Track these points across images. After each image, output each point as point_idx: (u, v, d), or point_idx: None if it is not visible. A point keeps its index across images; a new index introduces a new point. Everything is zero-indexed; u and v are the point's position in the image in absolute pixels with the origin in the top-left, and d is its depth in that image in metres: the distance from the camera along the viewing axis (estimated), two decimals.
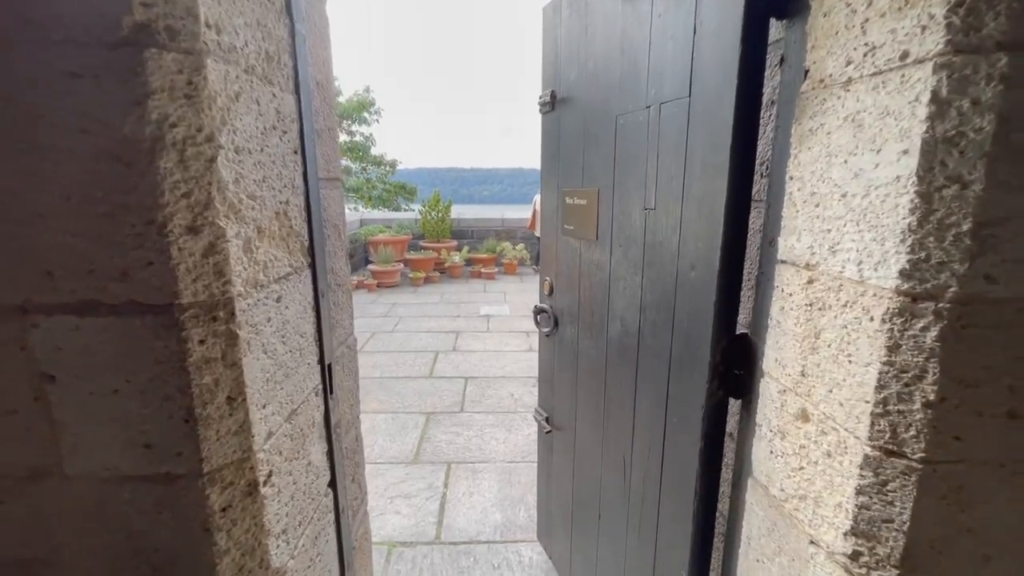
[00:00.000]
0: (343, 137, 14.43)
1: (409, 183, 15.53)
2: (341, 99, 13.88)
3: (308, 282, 0.94)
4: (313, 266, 0.95)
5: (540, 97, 1.78)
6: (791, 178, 0.92)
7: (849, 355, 0.78)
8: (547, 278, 1.87)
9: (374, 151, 14.64)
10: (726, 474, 1.24)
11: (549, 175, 1.80)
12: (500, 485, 2.75)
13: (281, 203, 0.81)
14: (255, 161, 0.72)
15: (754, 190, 1.08)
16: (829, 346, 0.83)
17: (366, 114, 13.90)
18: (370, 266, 7.99)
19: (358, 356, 4.07)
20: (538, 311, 1.90)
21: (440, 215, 9.12)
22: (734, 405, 1.18)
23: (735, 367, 1.12)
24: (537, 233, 9.07)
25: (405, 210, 14.39)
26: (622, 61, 1.33)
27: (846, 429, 0.80)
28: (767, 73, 1.03)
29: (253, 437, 0.71)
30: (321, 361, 1.00)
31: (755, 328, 1.08)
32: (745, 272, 1.11)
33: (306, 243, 0.92)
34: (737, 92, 0.98)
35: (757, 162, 1.07)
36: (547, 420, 1.98)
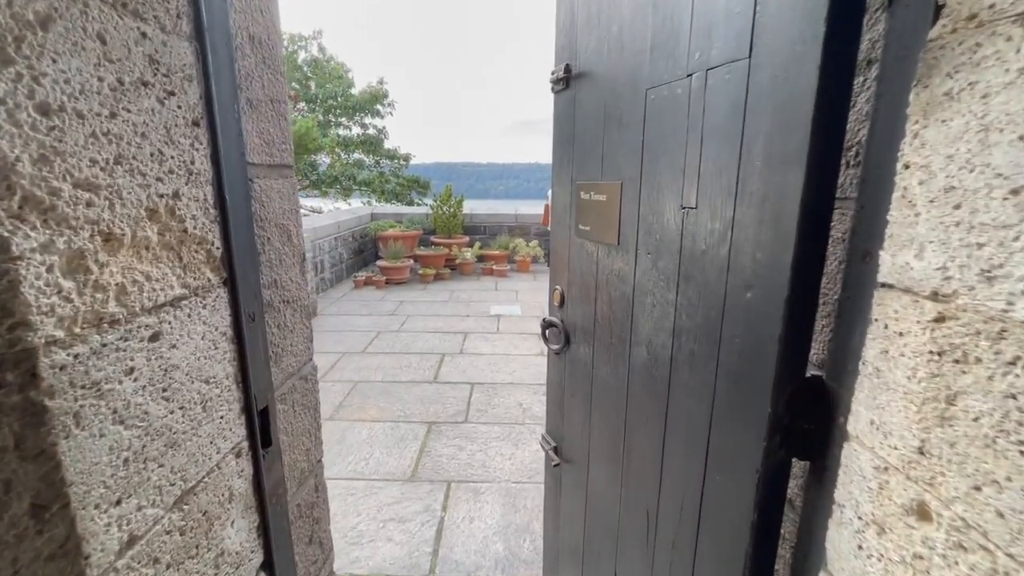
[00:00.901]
0: (356, 130, 14.31)
1: (423, 177, 15.34)
2: (354, 91, 13.74)
3: (222, 305, 0.68)
4: (232, 281, 0.70)
5: (552, 73, 1.50)
6: (906, 166, 0.64)
7: (1022, 443, 0.50)
8: (557, 287, 1.60)
9: (387, 144, 14.49)
10: (782, 550, 0.96)
11: (561, 166, 1.53)
12: (504, 509, 2.50)
13: (162, 196, 0.56)
14: (95, 131, 0.47)
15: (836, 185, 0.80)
16: (977, 421, 0.55)
17: (379, 106, 13.74)
18: (379, 262, 7.79)
19: (361, 358, 3.82)
20: (547, 325, 1.63)
21: (452, 210, 8.88)
22: (797, 463, 0.90)
23: (802, 419, 0.84)
24: (551, 228, 8.77)
25: (418, 204, 14.22)
26: (655, 18, 1.04)
27: (1008, 554, 0.52)
28: (865, 19, 0.74)
29: (88, 558, 0.46)
30: (248, 408, 0.75)
31: (834, 371, 0.79)
32: (820, 295, 0.83)
33: (217, 251, 0.67)
34: (824, 47, 0.70)
35: (843, 146, 0.79)
36: (555, 451, 1.72)
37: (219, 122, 0.66)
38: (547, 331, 1.65)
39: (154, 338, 0.55)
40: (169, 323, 0.58)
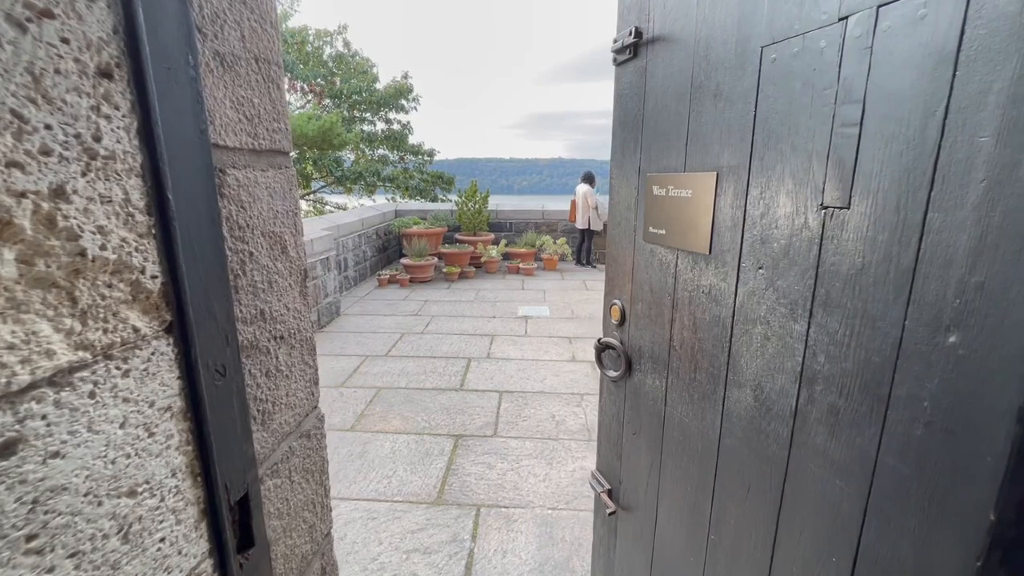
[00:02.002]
0: (380, 125, 14.20)
1: (447, 173, 15.17)
2: (378, 86, 13.62)
3: (162, 365, 0.44)
4: (182, 325, 0.45)
5: (615, 41, 1.23)
6: None
7: None
8: (616, 301, 1.33)
9: (411, 140, 14.35)
10: None
11: (624, 153, 1.25)
12: (540, 541, 2.24)
13: (25, 195, 0.31)
14: None
15: None
16: None
17: (403, 101, 13.59)
18: (403, 260, 7.61)
19: (384, 361, 3.57)
20: (603, 347, 1.36)
21: (477, 206, 8.64)
22: None
23: None
24: (578, 224, 8.47)
25: (442, 201, 14.05)
26: None
27: None
28: None
29: None
30: (214, 508, 0.51)
31: None
32: None
33: (153, 282, 0.42)
34: None
35: None
36: (609, 494, 1.44)
37: (153, 76, 0.41)
38: (603, 354, 1.38)
39: (4, 451, 0.31)
40: (44, 418, 0.33)
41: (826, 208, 0.72)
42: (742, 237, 0.88)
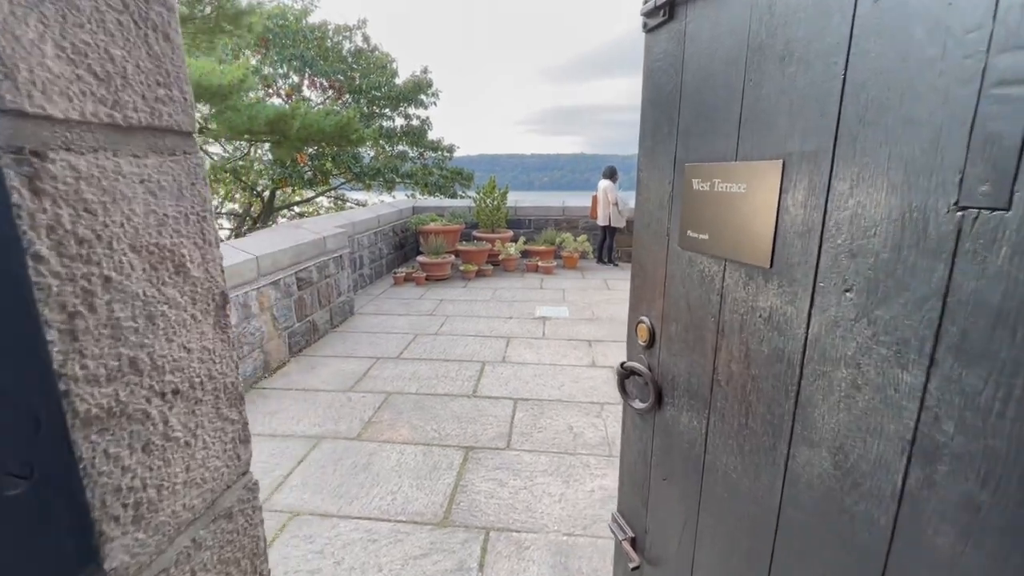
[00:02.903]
0: (399, 121, 14.09)
1: (467, 169, 14.99)
2: (398, 80, 13.50)
3: None
4: None
5: (645, 2, 1.00)
6: None
7: None
8: (643, 319, 1.11)
9: (431, 135, 14.21)
10: None
11: (655, 140, 1.02)
12: (554, 573, 2.04)
13: None
14: None
15: None
16: None
17: (423, 96, 13.45)
18: (420, 257, 7.46)
19: (396, 364, 3.37)
20: (627, 373, 1.14)
21: (496, 202, 8.44)
22: None
23: None
24: (599, 221, 8.19)
25: (461, 197, 13.89)
26: None
27: None
28: None
29: None
30: None
31: None
32: None
33: None
34: None
35: None
36: (633, 544, 1.23)
37: None
38: (627, 381, 1.16)
39: None
40: None
41: (964, 209, 0.49)
42: (820, 247, 0.65)
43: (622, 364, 1.14)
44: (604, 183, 8.15)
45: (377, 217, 7.45)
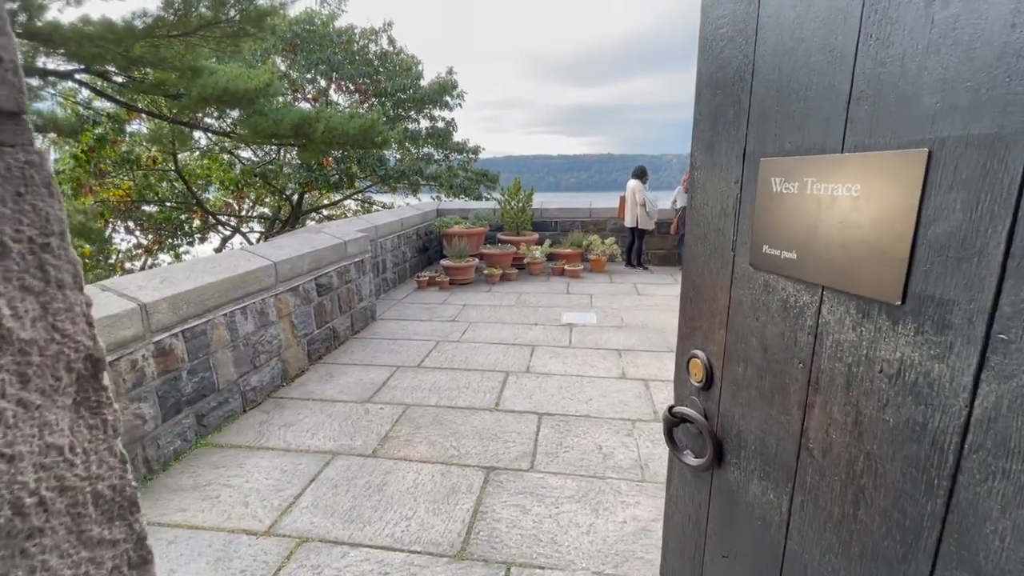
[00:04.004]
0: (424, 123, 14.05)
1: (492, 171, 14.85)
2: (423, 82, 13.46)
3: None
4: None
5: None
6: None
7: None
8: (697, 353, 0.89)
9: (456, 137, 14.13)
10: None
11: (715, 129, 0.81)
12: None
13: None
14: None
15: None
16: None
17: (448, 97, 13.36)
18: (443, 261, 7.33)
19: (416, 374, 3.19)
20: (676, 420, 0.92)
21: (521, 204, 8.24)
22: None
23: None
24: (626, 223, 7.91)
25: (486, 199, 13.75)
26: None
27: None
28: None
29: None
30: None
31: None
32: None
33: None
34: None
35: None
36: None
37: None
38: (676, 429, 0.94)
39: None
40: None
41: None
42: (1001, 278, 0.43)
43: (670, 409, 0.92)
44: (633, 183, 7.86)
45: (400, 220, 7.35)
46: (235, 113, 8.57)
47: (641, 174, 7.95)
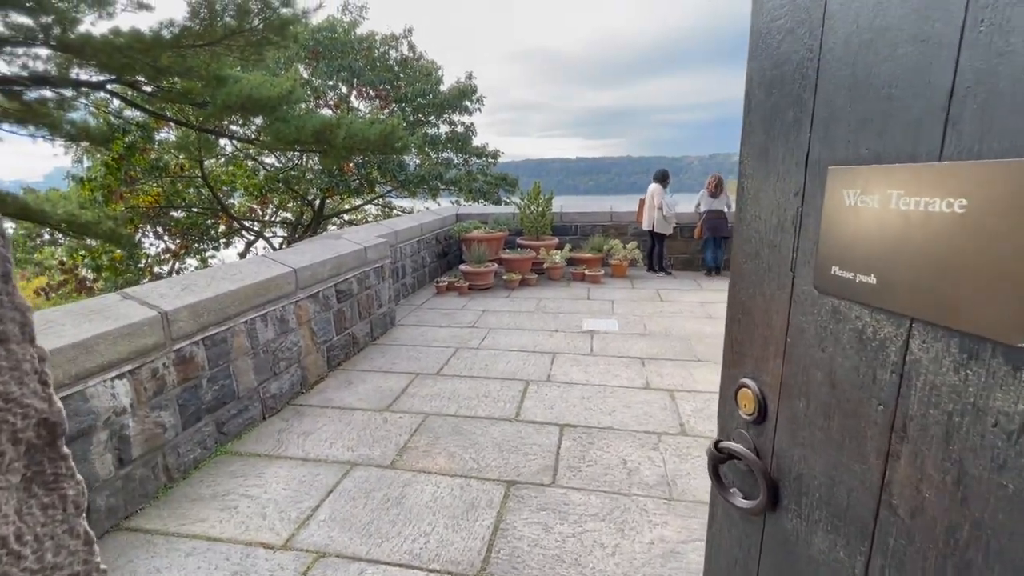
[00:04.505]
0: (444, 128, 14.10)
1: (511, 175, 14.81)
2: (443, 87, 13.51)
3: None
4: None
5: None
6: None
7: None
8: (747, 382, 0.79)
9: (475, 142, 14.14)
10: None
11: (770, 132, 0.72)
12: None
13: None
14: None
15: None
16: None
17: (467, 102, 13.39)
18: (462, 266, 7.29)
19: (435, 381, 3.14)
20: (722, 456, 0.83)
21: (540, 208, 8.16)
22: None
23: None
24: (643, 226, 7.77)
25: (505, 203, 13.72)
26: None
27: None
28: None
29: None
30: None
31: None
32: None
33: None
34: None
35: None
36: None
37: None
38: (723, 466, 0.85)
39: None
40: None
41: None
42: None
43: (716, 444, 0.83)
44: (653, 186, 7.72)
45: (420, 225, 7.34)
46: (259, 120, 8.70)
47: (663, 178, 7.80)
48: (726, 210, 7.56)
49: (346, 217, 15.55)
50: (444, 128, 14.06)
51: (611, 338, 4.98)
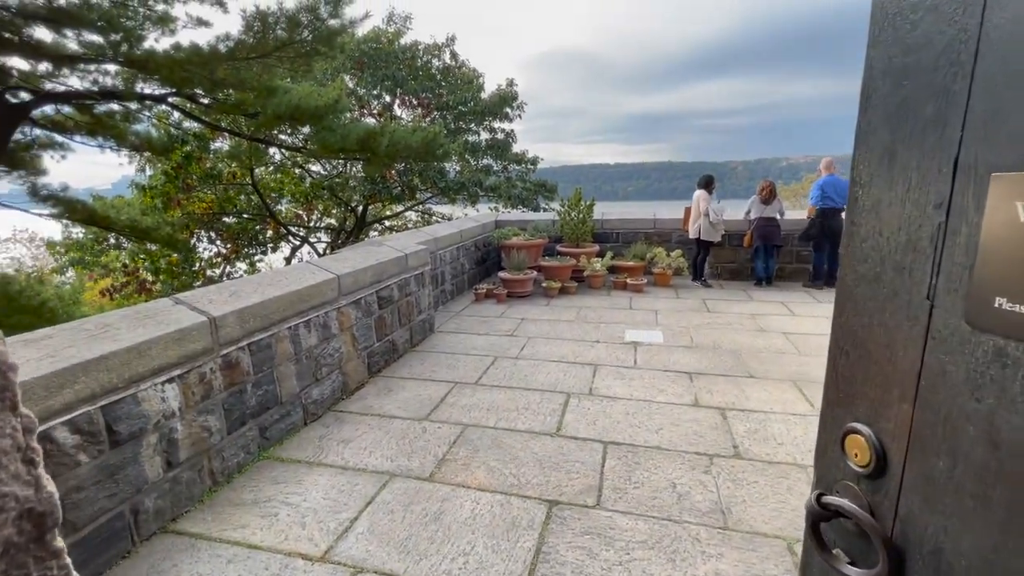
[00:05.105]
0: (484, 135, 14.18)
1: (550, 181, 14.73)
2: (484, 95, 13.60)
3: None
4: None
5: None
6: None
7: None
8: (858, 427, 0.67)
9: (515, 148, 14.14)
10: None
11: (897, 132, 0.60)
12: None
13: None
14: None
15: None
16: None
17: (508, 109, 13.42)
18: (501, 273, 7.24)
19: (473, 391, 3.06)
20: (825, 513, 0.70)
21: (581, 215, 8.02)
22: None
23: None
24: (691, 234, 7.51)
25: (545, 210, 13.63)
26: None
27: None
28: None
29: None
30: None
31: None
32: None
33: None
34: None
35: None
36: None
37: None
38: (825, 524, 0.72)
39: None
40: None
41: None
42: None
43: (818, 499, 0.70)
44: (698, 192, 7.46)
45: (460, 232, 7.35)
46: (306, 129, 8.97)
47: (707, 183, 7.53)
48: (779, 217, 7.21)
49: (387, 223, 15.85)
50: (484, 135, 14.14)
51: (655, 350, 4.79)
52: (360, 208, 14.12)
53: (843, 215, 7.01)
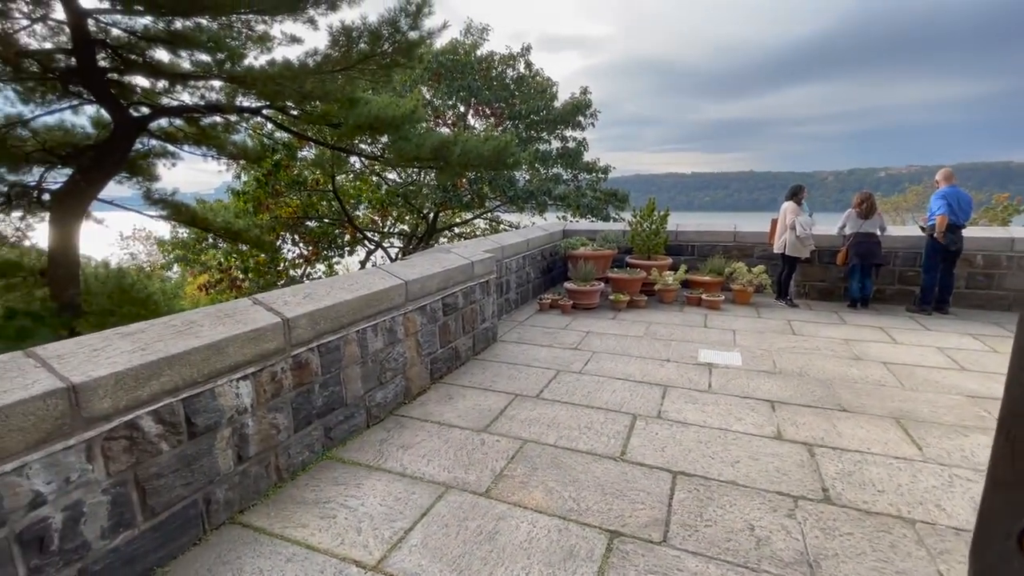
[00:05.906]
0: (555, 144, 14.12)
1: (621, 190, 14.38)
2: (557, 104, 13.56)
3: None
4: None
5: None
6: None
7: None
8: None
9: (586, 157, 13.95)
10: None
11: None
12: None
13: None
14: None
15: None
16: None
17: (580, 117, 13.28)
18: (567, 284, 7.09)
19: (534, 405, 2.90)
20: None
21: (654, 226, 7.71)
22: None
23: None
24: (775, 249, 6.96)
25: (614, 220, 13.32)
26: None
27: None
28: None
29: None
30: None
31: None
32: None
33: None
34: None
35: None
36: None
37: None
38: None
39: None
40: None
41: None
42: None
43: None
44: (786, 204, 6.91)
45: (526, 241, 7.29)
46: (384, 138, 9.35)
47: (795, 193, 6.96)
48: (879, 233, 6.51)
49: (457, 230, 16.20)
50: (556, 144, 14.09)
51: (732, 374, 4.44)
52: (431, 215, 14.54)
53: (962, 232, 6.18)
